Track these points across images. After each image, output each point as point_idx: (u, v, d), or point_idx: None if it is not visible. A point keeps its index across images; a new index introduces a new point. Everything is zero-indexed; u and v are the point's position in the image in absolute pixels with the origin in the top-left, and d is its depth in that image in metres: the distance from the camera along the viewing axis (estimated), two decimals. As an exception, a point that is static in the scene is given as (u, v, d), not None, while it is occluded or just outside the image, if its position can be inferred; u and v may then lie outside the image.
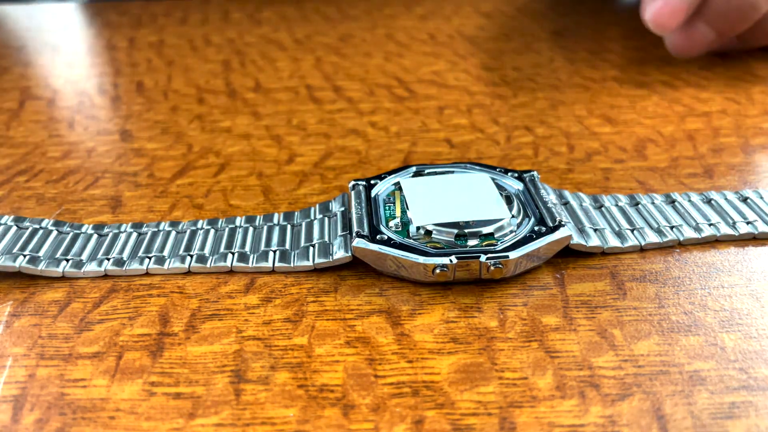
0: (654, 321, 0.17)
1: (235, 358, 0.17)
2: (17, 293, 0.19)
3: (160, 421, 0.15)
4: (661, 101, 0.31)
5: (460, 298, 0.19)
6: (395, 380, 0.16)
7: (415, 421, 0.15)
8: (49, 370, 0.16)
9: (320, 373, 0.16)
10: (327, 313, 0.18)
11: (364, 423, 0.15)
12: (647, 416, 0.15)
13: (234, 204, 0.23)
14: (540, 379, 0.16)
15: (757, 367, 0.16)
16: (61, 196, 0.24)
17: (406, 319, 0.18)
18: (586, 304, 0.18)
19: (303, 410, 0.15)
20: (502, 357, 0.17)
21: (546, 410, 0.15)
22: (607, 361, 0.16)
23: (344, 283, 0.19)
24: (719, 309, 0.18)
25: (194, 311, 0.18)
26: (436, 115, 0.30)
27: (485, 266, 0.18)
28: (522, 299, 0.18)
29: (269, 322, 0.18)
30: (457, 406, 0.15)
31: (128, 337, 0.17)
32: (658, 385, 0.16)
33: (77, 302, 0.19)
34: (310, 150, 0.27)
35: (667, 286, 0.19)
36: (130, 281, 0.19)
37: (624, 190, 0.23)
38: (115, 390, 0.16)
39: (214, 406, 0.15)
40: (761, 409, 0.15)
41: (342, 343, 0.17)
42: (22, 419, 0.15)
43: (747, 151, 0.26)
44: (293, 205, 0.23)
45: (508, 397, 0.15)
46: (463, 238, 0.19)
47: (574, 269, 0.19)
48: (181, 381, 0.16)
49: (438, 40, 0.40)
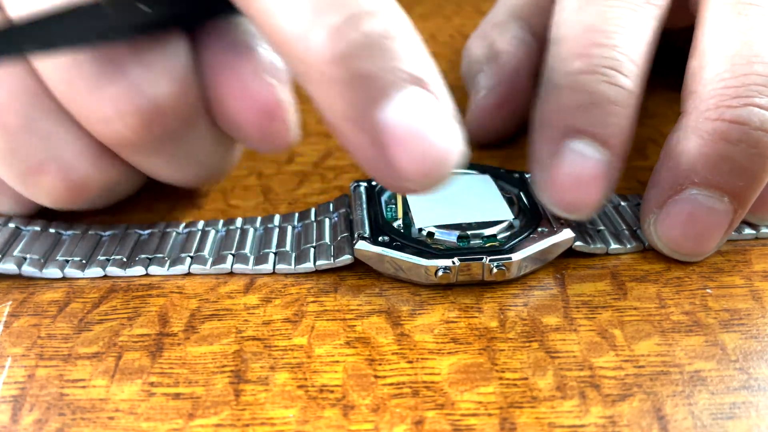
0: (655, 321, 0.17)
1: (235, 359, 0.17)
2: (16, 293, 0.19)
3: (159, 422, 0.15)
4: (661, 100, 0.31)
5: (461, 298, 0.18)
6: (395, 380, 0.16)
7: (415, 422, 0.15)
8: (48, 371, 0.16)
9: (320, 373, 0.16)
10: (327, 314, 0.18)
11: (364, 423, 0.15)
12: (648, 417, 0.15)
13: (234, 204, 0.23)
14: (540, 379, 0.16)
15: (758, 367, 0.16)
16: (60, 196, 0.24)
17: (406, 320, 0.18)
18: (586, 304, 0.18)
19: (303, 411, 0.15)
20: (503, 357, 0.17)
21: (546, 411, 0.15)
22: (607, 361, 0.16)
23: (344, 283, 0.19)
24: (720, 309, 0.18)
25: (194, 311, 0.18)
26: (437, 115, 0.30)
27: (488, 268, 0.18)
28: (522, 299, 0.18)
29: (269, 323, 0.18)
30: (458, 407, 0.15)
31: (128, 338, 0.17)
32: (659, 386, 0.16)
33: (76, 302, 0.19)
34: (310, 150, 0.27)
35: (668, 286, 0.19)
36: (129, 281, 0.19)
37: (624, 190, 0.23)
38: (115, 390, 0.16)
39: (214, 407, 0.15)
40: (762, 409, 0.15)
41: (342, 343, 0.17)
42: (21, 419, 0.15)
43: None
44: (293, 205, 0.23)
45: (509, 398, 0.15)
46: (465, 239, 0.19)
47: (575, 269, 0.19)
48: (181, 381, 0.16)
49: (438, 40, 0.40)
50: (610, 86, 0.19)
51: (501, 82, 0.25)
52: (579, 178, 0.18)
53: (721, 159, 0.18)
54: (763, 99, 0.18)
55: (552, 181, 0.19)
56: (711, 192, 0.18)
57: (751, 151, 0.18)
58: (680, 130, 0.19)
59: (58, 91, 0.17)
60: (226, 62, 0.18)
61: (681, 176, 0.18)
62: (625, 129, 0.19)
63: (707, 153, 0.18)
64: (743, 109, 0.18)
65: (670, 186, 0.19)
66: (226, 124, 0.19)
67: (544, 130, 0.19)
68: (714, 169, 0.18)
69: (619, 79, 0.19)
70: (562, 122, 0.19)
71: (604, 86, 0.19)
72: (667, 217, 0.19)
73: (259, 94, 0.18)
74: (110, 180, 0.19)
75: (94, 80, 0.17)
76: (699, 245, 0.19)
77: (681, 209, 0.18)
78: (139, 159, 0.19)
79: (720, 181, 0.18)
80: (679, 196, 0.18)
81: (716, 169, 0.18)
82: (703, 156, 0.18)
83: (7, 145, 0.18)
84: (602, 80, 0.19)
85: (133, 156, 0.19)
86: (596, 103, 0.18)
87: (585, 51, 0.19)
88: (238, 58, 0.18)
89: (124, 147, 0.18)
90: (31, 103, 0.17)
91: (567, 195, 0.18)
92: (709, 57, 0.19)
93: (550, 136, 0.19)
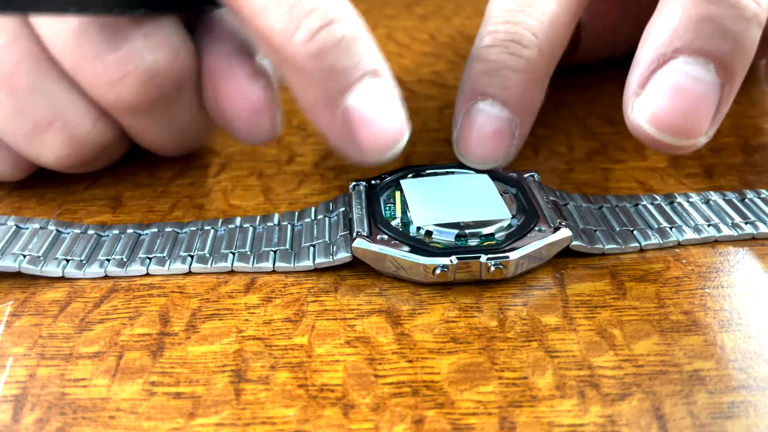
0: (654, 321, 0.18)
1: (235, 358, 0.17)
2: (17, 293, 0.19)
3: (160, 421, 0.15)
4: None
5: (460, 297, 0.19)
6: (395, 380, 0.16)
7: (415, 421, 0.15)
8: (49, 370, 0.17)
9: (320, 372, 0.16)
10: (327, 313, 0.18)
11: (364, 423, 0.15)
12: (647, 416, 0.15)
13: (234, 204, 0.23)
14: (540, 378, 0.16)
15: (757, 366, 0.16)
16: (61, 195, 0.24)
17: (406, 319, 0.18)
18: (585, 303, 0.18)
19: (303, 410, 0.15)
20: (502, 357, 0.17)
21: (546, 410, 0.15)
22: (606, 360, 0.16)
23: (344, 282, 0.19)
24: (719, 309, 0.18)
25: (194, 311, 0.18)
26: (436, 115, 0.30)
27: (486, 267, 0.18)
28: (522, 299, 0.18)
29: (269, 322, 0.18)
30: (457, 406, 0.15)
31: (129, 337, 0.17)
32: (658, 385, 0.16)
33: (78, 302, 0.19)
34: (311, 150, 0.27)
35: (667, 285, 0.19)
36: (130, 281, 0.19)
37: (624, 190, 0.23)
38: (116, 390, 0.16)
39: (215, 406, 0.15)
40: (761, 408, 0.15)
41: (342, 342, 0.17)
42: (22, 419, 0.15)
43: (746, 151, 0.26)
44: (293, 205, 0.23)
45: (508, 397, 0.15)
46: (463, 238, 0.19)
47: (574, 269, 0.19)
48: (182, 381, 0.16)
49: (438, 40, 0.40)
50: (509, 56, 0.21)
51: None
52: (483, 132, 0.21)
53: (703, 20, 0.18)
54: None
55: (463, 136, 0.22)
56: (695, 59, 0.18)
57: (733, 11, 0.18)
58: (659, 3, 0.19)
59: (65, 56, 0.20)
60: (225, 66, 0.21)
61: (664, 45, 0.18)
62: (525, 92, 0.21)
63: (689, 14, 0.18)
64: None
65: (652, 59, 0.18)
66: (219, 117, 0.22)
67: (459, 95, 0.22)
68: (696, 31, 0.18)
69: (519, 49, 0.21)
70: (471, 87, 0.22)
71: (505, 56, 0.21)
72: (652, 94, 0.18)
73: (252, 94, 0.21)
74: (106, 140, 0.22)
75: (101, 47, 0.19)
76: (688, 121, 0.18)
77: (666, 81, 0.18)
78: (132, 121, 0.22)
79: (704, 45, 0.18)
80: (662, 69, 0.18)
81: (699, 31, 0.18)
82: (684, 19, 0.18)
83: (15, 105, 0.20)
84: (504, 51, 0.21)
85: (128, 118, 0.22)
86: (498, 69, 0.21)
87: (495, 28, 0.22)
88: (236, 63, 0.21)
89: (121, 109, 0.21)
90: (38, 68, 0.20)
91: (476, 148, 0.21)
92: None
93: (462, 99, 0.22)
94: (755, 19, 0.18)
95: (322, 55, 0.18)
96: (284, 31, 0.18)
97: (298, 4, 0.18)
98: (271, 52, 0.19)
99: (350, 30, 0.18)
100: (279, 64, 0.19)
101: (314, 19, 0.18)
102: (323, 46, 0.18)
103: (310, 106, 0.19)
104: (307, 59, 0.18)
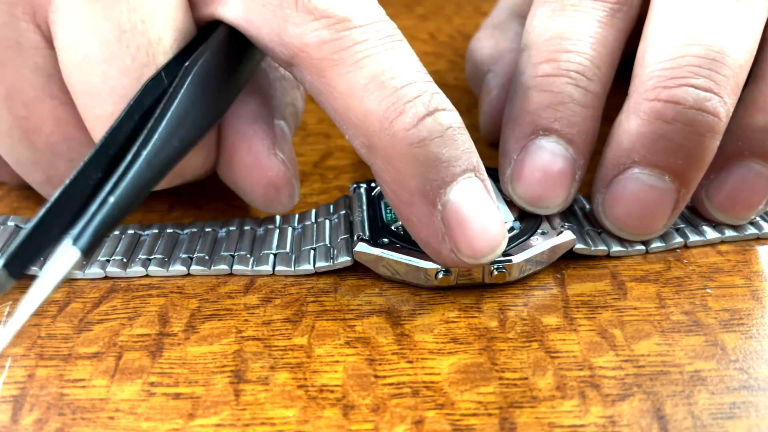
0: (654, 321, 0.17)
1: (235, 359, 0.17)
2: (16, 293, 0.19)
3: (159, 422, 0.15)
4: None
5: (460, 298, 0.18)
6: (395, 380, 0.16)
7: (415, 422, 0.15)
8: (48, 371, 0.16)
9: (320, 373, 0.16)
10: (327, 314, 0.18)
11: (364, 423, 0.15)
12: (648, 416, 0.15)
13: (234, 204, 0.23)
14: (540, 379, 0.16)
15: (758, 367, 0.16)
16: (61, 196, 0.24)
17: (406, 320, 0.18)
18: (586, 304, 0.18)
19: (303, 410, 0.15)
20: (503, 357, 0.17)
21: (546, 410, 0.15)
22: (607, 361, 0.16)
23: (344, 283, 0.19)
24: (720, 309, 0.18)
25: (194, 311, 0.18)
26: (437, 115, 0.30)
27: (488, 271, 0.18)
28: (522, 299, 0.18)
29: (269, 323, 0.18)
30: (457, 407, 0.15)
31: (128, 337, 0.17)
32: (659, 386, 0.16)
33: (77, 302, 0.19)
34: (310, 150, 0.27)
35: (668, 286, 0.19)
36: (129, 281, 0.19)
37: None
38: (115, 390, 0.16)
39: (214, 407, 0.15)
40: (762, 409, 0.15)
41: (342, 343, 0.17)
42: (21, 419, 0.15)
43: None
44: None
45: (509, 398, 0.15)
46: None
47: (575, 269, 0.19)
48: (181, 381, 0.16)
49: (438, 39, 0.40)
50: (576, 88, 0.20)
51: (511, 80, 0.26)
52: (546, 172, 0.19)
53: (658, 138, 0.18)
54: (698, 79, 0.18)
55: (520, 176, 0.20)
56: (651, 171, 0.19)
57: (687, 129, 0.18)
58: (623, 113, 0.19)
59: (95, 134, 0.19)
60: (243, 133, 0.20)
61: (623, 156, 0.19)
62: (589, 129, 0.20)
63: (645, 132, 0.18)
64: (678, 89, 0.18)
65: (614, 166, 0.19)
66: (233, 185, 0.21)
67: (514, 129, 0.20)
68: (652, 148, 0.18)
69: (585, 82, 0.20)
70: (531, 121, 0.20)
71: (571, 88, 0.19)
72: (612, 196, 0.19)
73: (270, 169, 0.20)
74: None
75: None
76: (644, 224, 0.19)
77: (624, 188, 0.19)
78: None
79: (659, 160, 0.18)
80: (622, 176, 0.19)
81: (654, 148, 0.18)
82: (641, 135, 0.19)
83: (33, 157, 0.19)
84: (569, 82, 0.20)
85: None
86: (563, 103, 0.19)
87: (553, 56, 0.20)
88: (255, 131, 0.20)
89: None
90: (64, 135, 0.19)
91: (534, 189, 0.19)
92: (651, 41, 0.19)
93: (519, 133, 0.20)
94: (710, 132, 0.18)
95: (425, 144, 0.16)
96: (386, 115, 0.17)
97: (404, 87, 0.17)
98: (362, 136, 0.17)
99: (454, 121, 0.17)
100: (371, 150, 0.17)
101: (420, 106, 0.17)
102: (430, 134, 0.16)
103: (405, 197, 0.17)
104: (409, 146, 0.16)
